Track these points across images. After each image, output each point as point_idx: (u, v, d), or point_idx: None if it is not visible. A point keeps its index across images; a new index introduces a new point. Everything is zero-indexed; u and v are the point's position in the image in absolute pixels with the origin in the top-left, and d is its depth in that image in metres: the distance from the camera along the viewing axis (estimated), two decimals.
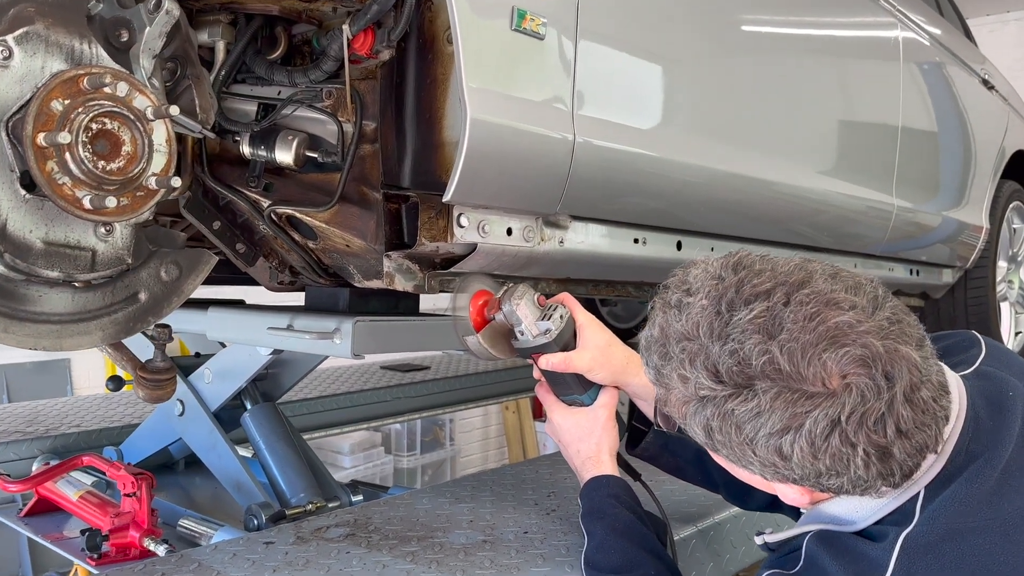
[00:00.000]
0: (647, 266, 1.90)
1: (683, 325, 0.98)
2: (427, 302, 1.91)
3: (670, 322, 1.00)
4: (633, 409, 1.48)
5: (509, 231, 1.58)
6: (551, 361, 1.36)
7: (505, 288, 1.38)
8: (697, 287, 1.00)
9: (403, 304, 1.88)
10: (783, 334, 0.92)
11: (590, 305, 3.75)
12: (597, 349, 1.38)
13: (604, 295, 2.03)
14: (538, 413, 6.26)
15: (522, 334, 1.36)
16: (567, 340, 1.37)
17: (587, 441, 1.39)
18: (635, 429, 1.48)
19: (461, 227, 1.49)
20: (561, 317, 1.36)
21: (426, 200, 1.49)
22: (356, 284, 1.68)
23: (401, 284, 1.54)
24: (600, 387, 1.41)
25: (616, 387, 1.42)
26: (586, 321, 1.39)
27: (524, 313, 1.35)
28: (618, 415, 1.43)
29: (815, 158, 2.22)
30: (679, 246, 1.95)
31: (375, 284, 1.63)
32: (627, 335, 3.96)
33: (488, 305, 1.38)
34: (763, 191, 2.03)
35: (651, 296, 2.26)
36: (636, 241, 1.85)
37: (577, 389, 1.40)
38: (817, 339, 0.91)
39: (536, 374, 1.43)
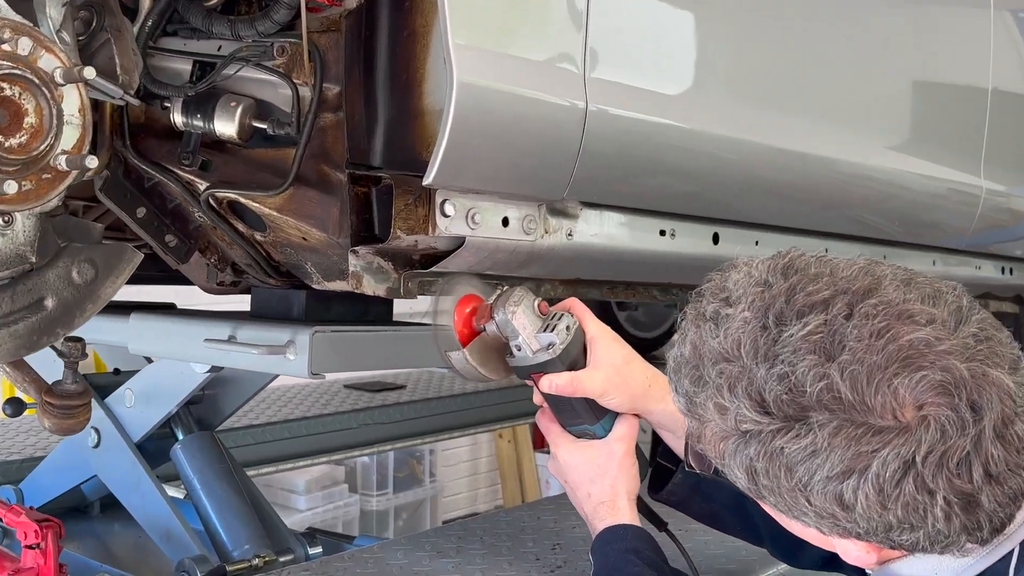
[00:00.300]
0: (676, 264, 1.90)
1: (721, 343, 0.99)
2: (402, 308, 1.92)
3: (705, 338, 1.01)
4: (657, 442, 1.49)
5: (505, 221, 1.58)
6: (555, 383, 1.36)
7: (499, 292, 1.38)
8: (738, 295, 1.00)
9: (373, 311, 1.88)
10: (844, 354, 0.93)
11: (605, 310, 3.76)
12: (612, 368, 1.38)
13: (622, 298, 2.02)
14: (540, 443, 6.26)
15: (519, 349, 1.36)
16: (575, 357, 1.37)
17: (600, 482, 1.40)
18: (660, 468, 1.48)
19: (445, 216, 1.49)
20: (568, 328, 1.36)
21: (402, 183, 1.49)
22: (315, 286, 1.68)
23: (371, 286, 1.54)
24: (616, 415, 1.41)
25: (636, 415, 1.42)
26: (599, 333, 1.40)
27: (522, 323, 1.35)
28: (639, 450, 1.44)
29: (884, 130, 2.22)
30: (716, 239, 1.95)
31: (338, 286, 1.63)
32: (650, 347, 3.97)
33: (477, 313, 1.38)
34: (819, 171, 2.04)
35: (681, 302, 2.28)
36: (662, 233, 1.84)
37: (588, 418, 1.40)
38: (887, 361, 0.92)
39: (537, 399, 1.43)
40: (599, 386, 1.37)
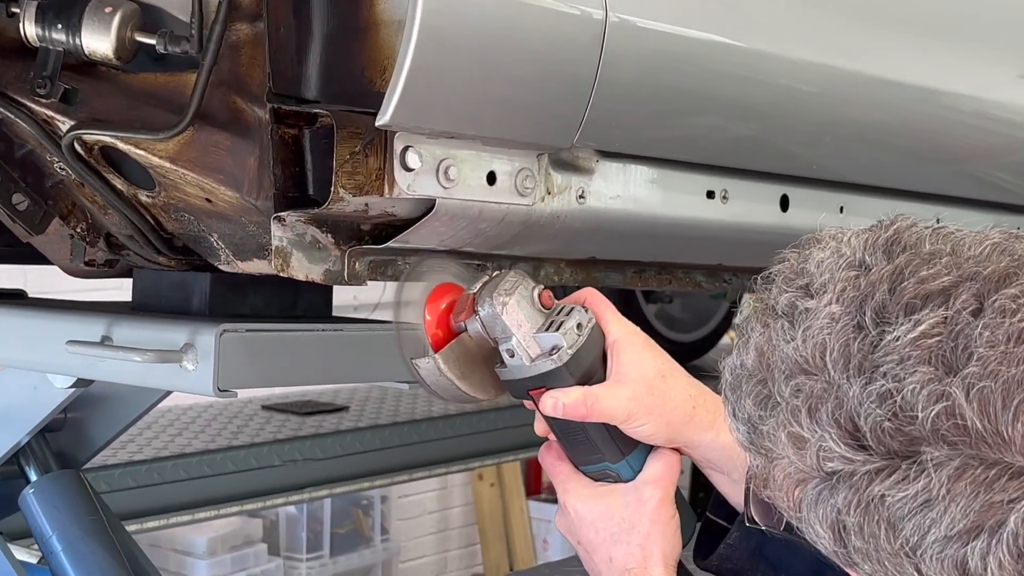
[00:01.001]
0: (728, 238, 1.91)
1: (798, 348, 0.98)
2: (344, 297, 1.92)
3: (776, 342, 1.01)
4: (705, 488, 1.49)
5: (491, 178, 1.59)
6: (563, 402, 1.36)
7: (485, 278, 1.38)
8: (823, 282, 1.00)
9: (305, 303, 1.89)
10: (971, 366, 0.92)
11: (627, 303, 3.77)
12: (642, 383, 1.38)
13: (653, 286, 2.02)
14: (535, 487, 6.27)
15: (512, 355, 1.37)
16: (590, 366, 1.38)
17: (626, 542, 1.39)
18: (710, 524, 1.48)
19: (408, 170, 1.50)
20: (579, 327, 1.37)
21: (347, 123, 1.50)
22: (223, 267, 1.68)
23: (302, 268, 1.55)
24: (649, 449, 1.42)
25: (676, 449, 1.42)
26: (624, 334, 1.40)
27: (516, 319, 1.35)
28: (680, 497, 1.44)
29: (1019, 54, 2.24)
30: (784, 204, 1.96)
31: (257, 268, 1.63)
32: (689, 354, 3.98)
33: (456, 306, 1.39)
34: (929, 108, 2.04)
35: (735, 291, 2.29)
36: (710, 195, 1.85)
37: (609, 452, 1.41)
38: None
39: (540, 428, 1.44)
40: (624, 407, 1.38)
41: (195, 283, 1.82)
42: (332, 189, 1.48)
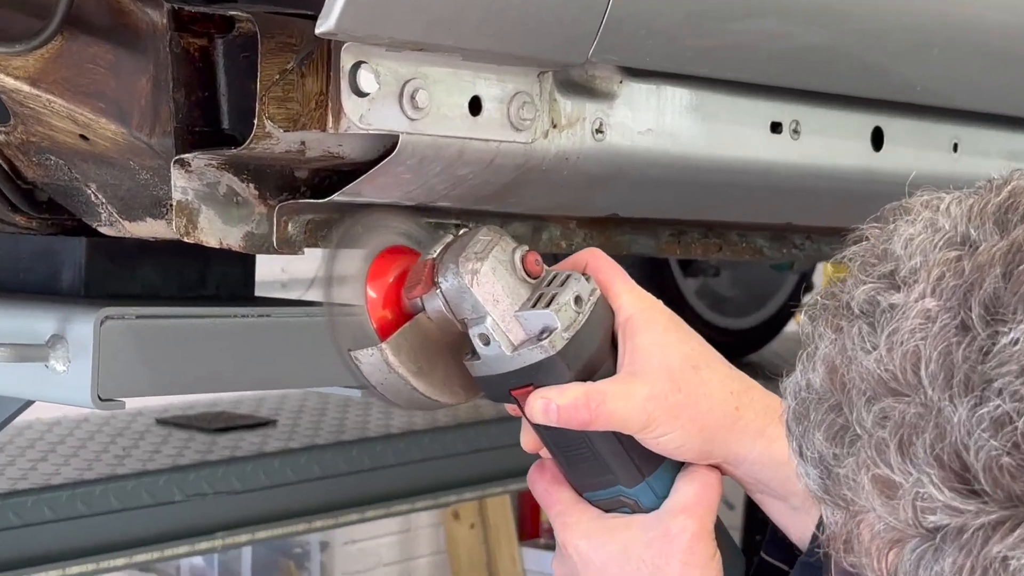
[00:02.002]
0: (802, 186, 1.93)
1: (882, 360, 0.98)
2: (268, 270, 1.91)
3: (852, 352, 1.01)
4: (759, 527, 1.49)
5: (475, 105, 1.60)
6: (556, 404, 1.36)
7: (448, 239, 1.39)
8: (913, 267, 1.00)
9: (217, 278, 1.91)
10: None
11: (657, 276, 3.75)
12: (665, 376, 1.39)
13: (696, 254, 2.04)
14: (531, 530, 6.28)
15: (486, 342, 1.36)
16: (593, 354, 1.39)
17: None
18: (765, 569, 1.49)
19: (360, 95, 1.50)
20: (578, 301, 1.37)
21: (275, 30, 1.50)
22: (104, 230, 1.69)
23: (214, 231, 1.56)
24: (677, 467, 1.43)
25: (715, 467, 1.43)
26: (638, 310, 1.41)
27: (491, 292, 1.36)
28: (720, 530, 1.44)
29: None
30: (878, 139, 1.98)
31: (150, 230, 1.64)
32: (742, 347, 3.98)
33: (408, 278, 1.39)
34: None
35: (810, 260, 2.26)
36: (776, 128, 1.88)
37: (623, 472, 1.42)
38: None
39: (527, 441, 1.44)
40: (640, 410, 1.38)
41: (65, 251, 1.83)
42: (255, 122, 1.48)
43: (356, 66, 1.49)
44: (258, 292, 1.99)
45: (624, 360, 1.39)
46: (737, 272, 3.98)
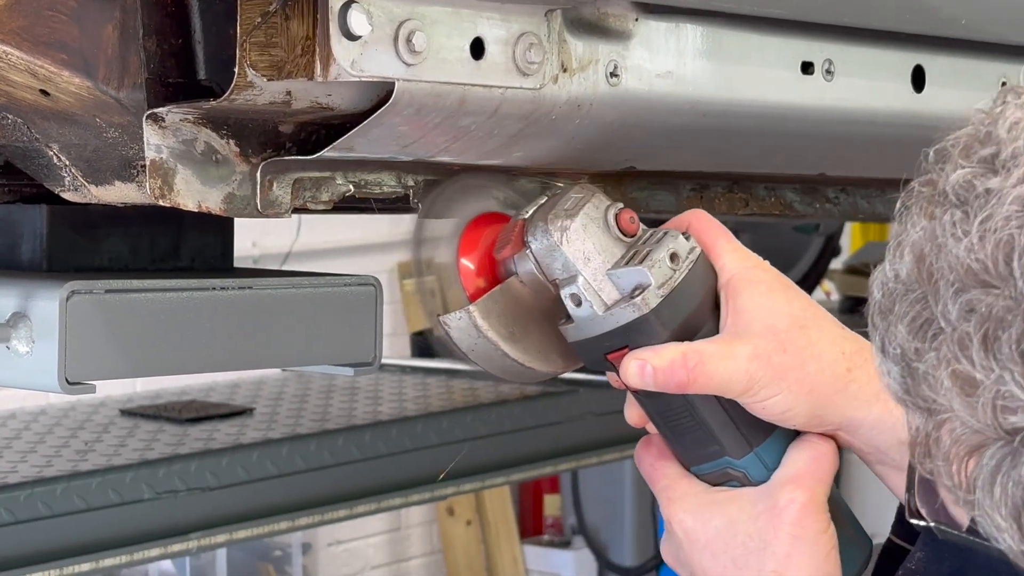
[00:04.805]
0: (836, 132, 1.93)
1: (972, 248, 0.99)
2: (241, 245, 1.90)
3: (942, 240, 1.01)
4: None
5: (478, 47, 1.59)
6: (653, 366, 1.39)
7: (542, 200, 1.43)
8: (1015, 150, 1.01)
9: (192, 247, 1.91)
10: None
11: None
12: (770, 335, 1.42)
13: (720, 209, 2.03)
14: (533, 526, 6.29)
15: (579, 303, 1.41)
16: (692, 314, 1.43)
17: (755, 569, 1.43)
18: (893, 550, 1.47)
19: (352, 38, 1.48)
20: (674, 258, 1.41)
21: None
22: (68, 196, 1.68)
23: (192, 193, 1.55)
24: (790, 436, 1.45)
25: (829, 435, 1.45)
26: (742, 268, 1.45)
27: (582, 250, 1.40)
28: (838, 504, 1.46)
29: None
30: (919, 79, 1.98)
31: (120, 194, 1.63)
32: None
33: (499, 238, 1.44)
34: None
35: (847, 213, 2.27)
36: (808, 68, 1.88)
37: (729, 441, 1.44)
38: None
39: (631, 414, 1.47)
40: (742, 371, 1.41)
41: (25, 221, 1.82)
42: (236, 70, 1.47)
43: (346, 6, 1.48)
44: (237, 263, 2.00)
45: (727, 321, 1.43)
46: (758, 236, 4.00)
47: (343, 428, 3.58)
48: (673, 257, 1.40)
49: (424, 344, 4.81)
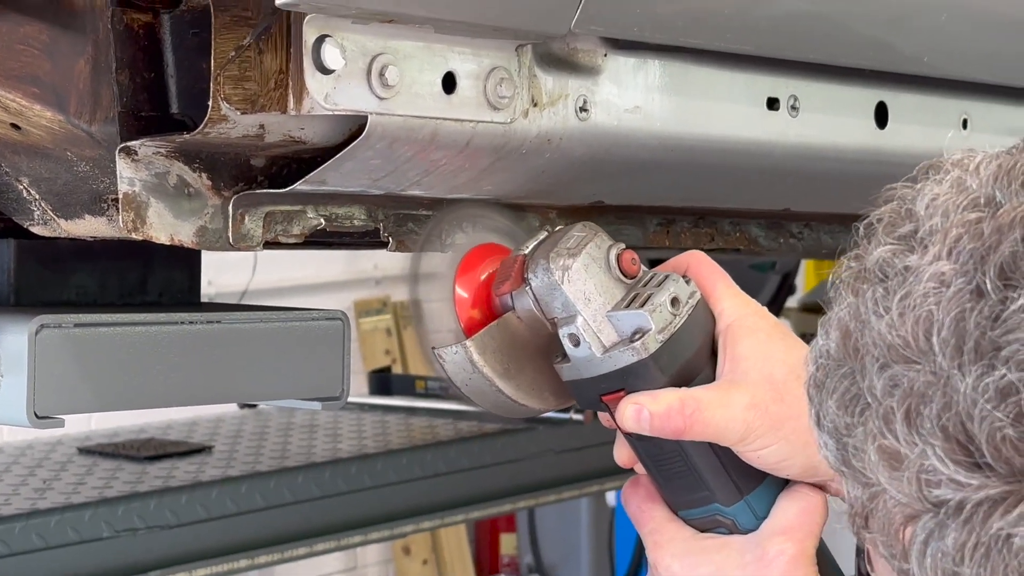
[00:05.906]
0: (800, 167, 1.93)
1: (893, 325, 1.00)
2: (203, 279, 1.94)
3: (866, 316, 1.02)
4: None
5: (450, 82, 1.60)
6: (650, 411, 1.38)
7: (543, 235, 1.43)
8: (932, 227, 1.01)
9: (160, 282, 1.91)
10: None
11: None
12: (767, 385, 1.42)
13: (686, 243, 2.03)
14: (490, 565, 6.27)
15: (577, 343, 1.40)
16: (690, 360, 1.42)
17: None
18: None
19: (325, 72, 1.50)
20: (675, 303, 1.40)
21: (228, 2, 1.49)
22: (38, 230, 1.68)
23: (164, 226, 1.55)
24: (780, 485, 1.45)
25: (819, 486, 1.45)
26: (741, 315, 1.44)
27: (583, 290, 1.40)
28: (824, 556, 1.45)
29: None
30: (882, 115, 1.98)
31: (90, 228, 1.63)
32: None
33: (498, 273, 1.44)
34: None
35: (809, 250, 2.28)
36: (773, 104, 1.88)
37: (720, 488, 1.44)
38: None
39: (621, 454, 1.47)
40: (739, 420, 1.41)
41: None
42: (210, 104, 1.48)
43: (320, 40, 1.49)
44: (205, 298, 1.99)
45: (724, 368, 1.42)
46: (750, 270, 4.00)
47: (302, 465, 3.58)
48: (674, 302, 1.39)
49: (382, 381, 4.81)
